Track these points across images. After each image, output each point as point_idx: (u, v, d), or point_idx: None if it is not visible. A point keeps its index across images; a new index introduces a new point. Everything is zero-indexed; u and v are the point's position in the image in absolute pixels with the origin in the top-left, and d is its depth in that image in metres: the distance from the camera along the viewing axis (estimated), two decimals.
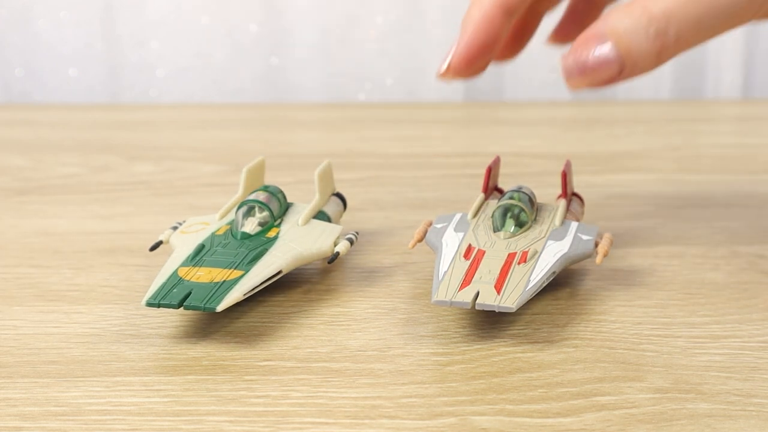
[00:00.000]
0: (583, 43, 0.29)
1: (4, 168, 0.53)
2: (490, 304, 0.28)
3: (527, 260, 0.31)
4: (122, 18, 0.73)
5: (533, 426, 0.24)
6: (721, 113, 0.68)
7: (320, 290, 0.34)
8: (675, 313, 0.31)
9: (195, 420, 0.25)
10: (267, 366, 0.28)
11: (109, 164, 0.53)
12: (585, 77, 0.30)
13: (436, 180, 0.49)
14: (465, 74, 0.33)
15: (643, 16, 0.29)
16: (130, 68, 0.75)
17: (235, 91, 0.75)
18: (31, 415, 0.25)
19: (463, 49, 0.33)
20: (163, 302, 0.29)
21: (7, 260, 0.37)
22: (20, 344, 0.29)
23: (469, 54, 0.33)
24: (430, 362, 0.28)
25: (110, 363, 0.28)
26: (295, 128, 0.67)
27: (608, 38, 0.29)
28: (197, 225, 0.35)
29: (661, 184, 0.48)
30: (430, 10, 0.74)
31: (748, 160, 0.55)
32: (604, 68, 0.29)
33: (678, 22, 0.28)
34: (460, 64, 0.33)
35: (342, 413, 0.25)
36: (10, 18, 0.73)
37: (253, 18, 0.74)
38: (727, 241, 0.39)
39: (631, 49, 0.29)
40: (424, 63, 0.75)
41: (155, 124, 0.67)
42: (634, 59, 0.29)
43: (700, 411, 0.25)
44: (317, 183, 0.36)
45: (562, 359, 0.28)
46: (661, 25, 0.28)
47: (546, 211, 0.35)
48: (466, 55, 0.33)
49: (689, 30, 0.29)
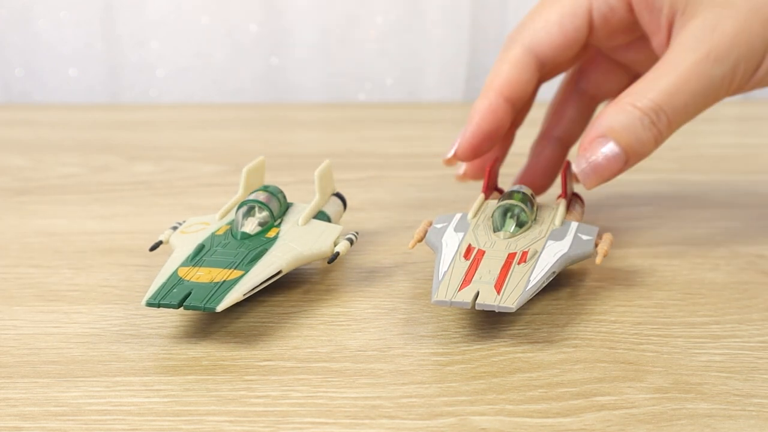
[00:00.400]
0: (589, 147, 0.33)
1: (4, 168, 0.53)
2: (490, 304, 0.28)
3: (527, 260, 0.31)
4: (122, 18, 0.73)
5: (533, 426, 0.24)
6: (721, 113, 0.68)
7: (320, 290, 0.34)
8: (675, 313, 0.31)
9: (195, 420, 0.25)
10: (267, 366, 0.28)
11: (109, 164, 0.53)
12: (598, 176, 0.33)
13: (436, 180, 0.49)
14: (470, 159, 0.37)
15: (637, 111, 0.33)
16: (130, 68, 0.75)
17: (235, 91, 0.75)
18: (31, 415, 0.25)
19: (469, 137, 0.36)
20: (163, 302, 0.29)
21: (7, 260, 0.37)
22: (20, 344, 0.29)
23: (474, 142, 0.36)
24: (430, 362, 0.28)
25: (110, 363, 0.28)
26: (295, 128, 0.67)
27: (609, 137, 0.33)
28: (197, 225, 0.35)
29: (661, 184, 0.48)
30: (430, 10, 0.74)
31: (748, 160, 0.55)
32: (613, 164, 0.33)
33: (666, 111, 0.33)
34: (466, 152, 0.36)
35: (342, 413, 0.25)
36: (10, 18, 0.73)
37: (253, 18, 0.74)
38: (727, 241, 0.39)
39: (632, 142, 0.33)
40: (424, 63, 0.75)
41: (155, 124, 0.67)
42: (636, 150, 0.33)
43: (700, 411, 0.25)
44: (317, 183, 0.36)
45: (562, 359, 0.28)
46: (652, 117, 0.32)
47: (546, 212, 0.35)
48: (472, 143, 0.36)
49: (677, 115, 0.33)
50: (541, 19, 0.36)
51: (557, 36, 0.36)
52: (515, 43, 0.36)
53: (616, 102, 0.33)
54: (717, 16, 0.33)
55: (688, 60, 0.32)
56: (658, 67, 0.33)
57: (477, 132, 0.36)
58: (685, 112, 0.33)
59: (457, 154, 0.36)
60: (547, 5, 0.37)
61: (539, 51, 0.36)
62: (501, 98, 0.36)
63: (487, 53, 0.75)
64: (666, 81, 0.32)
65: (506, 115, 0.36)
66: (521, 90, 0.36)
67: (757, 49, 0.33)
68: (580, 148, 0.34)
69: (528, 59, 0.36)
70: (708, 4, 0.33)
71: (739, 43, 0.32)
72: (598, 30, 0.36)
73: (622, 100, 0.33)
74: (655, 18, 0.35)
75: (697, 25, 0.33)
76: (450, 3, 0.74)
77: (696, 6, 0.33)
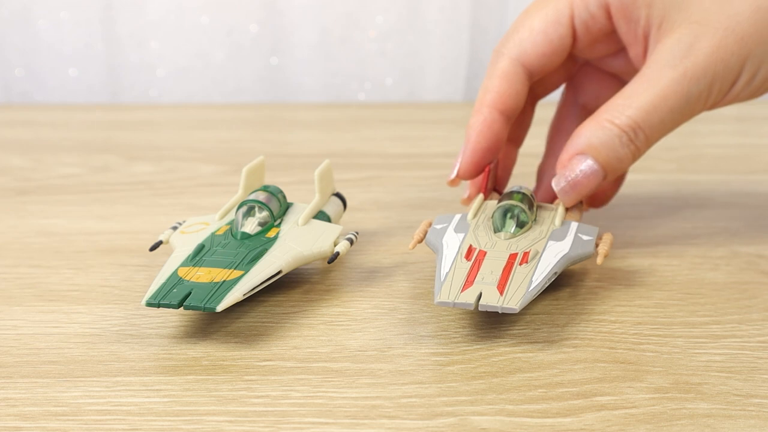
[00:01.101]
0: (568, 165, 0.34)
1: (4, 168, 0.53)
2: (493, 305, 0.28)
3: (529, 261, 0.31)
4: (122, 18, 0.73)
5: (533, 426, 0.24)
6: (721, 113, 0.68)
7: (320, 290, 0.34)
8: (675, 313, 0.31)
9: (195, 420, 0.25)
10: (267, 366, 0.28)
11: (109, 164, 0.53)
12: (577, 194, 0.34)
13: (436, 180, 0.49)
14: (473, 177, 0.37)
15: (614, 128, 0.33)
16: (130, 68, 0.75)
17: (235, 91, 0.75)
18: (31, 415, 0.25)
19: (469, 157, 0.36)
20: (163, 302, 0.29)
21: (7, 260, 0.37)
22: (20, 344, 0.29)
23: (474, 160, 0.36)
24: (430, 362, 0.28)
25: (110, 363, 0.28)
26: (295, 128, 0.67)
27: (588, 154, 0.33)
28: (197, 225, 0.35)
29: (661, 184, 0.48)
30: (430, 10, 0.74)
31: (748, 160, 0.55)
32: (591, 180, 0.34)
33: (644, 129, 0.33)
34: (467, 170, 0.37)
35: (342, 413, 0.25)
36: (10, 18, 0.73)
37: (253, 18, 0.74)
38: (727, 241, 0.39)
39: (610, 159, 0.33)
40: (424, 63, 0.75)
41: (155, 124, 0.67)
42: (614, 166, 0.34)
43: (700, 411, 0.25)
44: (317, 183, 0.36)
45: (562, 359, 0.28)
46: (630, 134, 0.33)
47: (546, 212, 0.35)
48: (472, 161, 0.37)
49: (654, 131, 0.34)
50: (525, 29, 0.36)
51: (542, 45, 0.36)
52: (502, 56, 0.37)
53: (593, 118, 0.34)
54: (694, 34, 0.33)
55: (665, 77, 0.33)
56: (635, 82, 0.34)
57: (476, 149, 0.36)
58: (662, 128, 0.34)
59: (460, 174, 0.37)
60: (530, 15, 0.37)
61: (526, 61, 0.36)
62: (495, 113, 0.36)
63: (487, 53, 0.75)
64: (644, 98, 0.33)
65: (502, 128, 0.37)
66: (513, 102, 0.37)
67: (732, 67, 0.33)
68: (559, 164, 0.34)
69: (516, 70, 0.36)
70: (684, 21, 0.33)
71: (715, 62, 0.33)
72: (581, 38, 0.37)
73: (601, 116, 0.33)
74: (632, 29, 0.35)
75: (674, 42, 0.33)
76: (450, 3, 0.74)
77: (672, 22, 0.34)
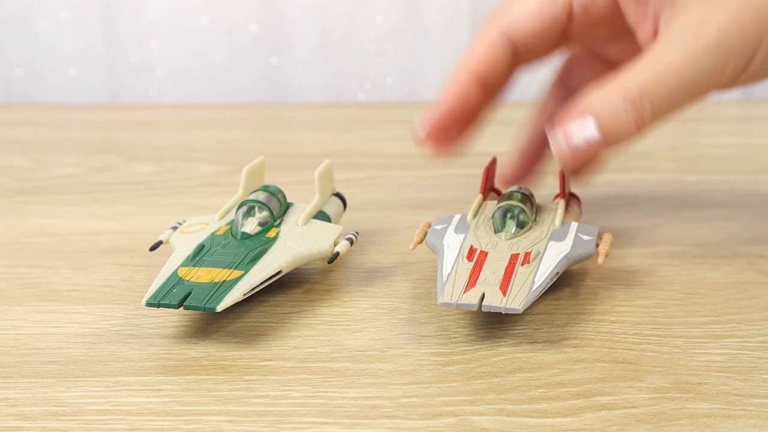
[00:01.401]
0: (567, 124, 0.32)
1: (4, 168, 0.53)
2: (497, 306, 0.28)
3: (530, 261, 0.31)
4: (122, 18, 0.73)
5: (533, 426, 0.24)
6: (721, 113, 0.68)
7: (320, 290, 0.34)
8: (675, 313, 0.31)
9: (195, 420, 0.25)
10: (267, 366, 0.28)
11: (109, 164, 0.53)
12: (576, 159, 0.32)
13: (436, 180, 0.49)
14: (440, 141, 0.36)
15: (620, 93, 0.32)
16: (130, 68, 0.75)
17: (235, 91, 0.75)
18: (31, 415, 0.25)
19: (436, 111, 0.35)
20: (163, 302, 0.29)
21: (7, 260, 0.37)
22: (20, 344, 0.29)
23: (441, 117, 0.35)
24: (430, 362, 0.28)
25: (110, 363, 0.28)
26: (295, 128, 0.67)
27: (590, 115, 0.32)
28: (197, 225, 0.35)
29: (661, 184, 0.48)
30: (430, 10, 0.74)
31: (748, 160, 0.55)
32: (591, 146, 0.32)
33: (652, 98, 0.31)
34: (433, 126, 0.35)
35: (342, 413, 0.25)
36: (10, 18, 0.73)
37: (253, 18, 0.74)
38: (727, 241, 0.39)
39: (612, 124, 0.32)
40: (424, 63, 0.75)
41: (155, 124, 0.67)
42: (615, 133, 0.32)
43: (700, 411, 0.25)
44: (317, 183, 0.36)
45: (562, 359, 0.28)
46: (636, 101, 0.32)
47: (545, 212, 0.35)
48: (439, 118, 0.35)
49: (662, 104, 0.32)
50: (518, 5, 0.36)
51: (534, 22, 0.35)
52: (492, 24, 0.36)
53: (601, 83, 0.32)
54: (708, 8, 0.32)
55: (677, 49, 0.32)
56: (646, 53, 0.32)
57: (443, 106, 0.35)
58: (670, 102, 0.32)
59: (426, 128, 0.35)
60: None
61: (514, 36, 0.36)
62: (473, 80, 0.35)
63: None
64: (653, 68, 0.32)
65: (478, 97, 0.36)
66: (494, 72, 0.36)
67: (749, 41, 0.32)
68: (558, 120, 0.33)
69: (503, 42, 0.35)
70: None
71: (730, 34, 0.31)
72: (578, 20, 0.36)
73: (608, 81, 0.32)
74: (642, 9, 0.34)
75: (688, 17, 0.32)
76: (450, 3, 0.74)
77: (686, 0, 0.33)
